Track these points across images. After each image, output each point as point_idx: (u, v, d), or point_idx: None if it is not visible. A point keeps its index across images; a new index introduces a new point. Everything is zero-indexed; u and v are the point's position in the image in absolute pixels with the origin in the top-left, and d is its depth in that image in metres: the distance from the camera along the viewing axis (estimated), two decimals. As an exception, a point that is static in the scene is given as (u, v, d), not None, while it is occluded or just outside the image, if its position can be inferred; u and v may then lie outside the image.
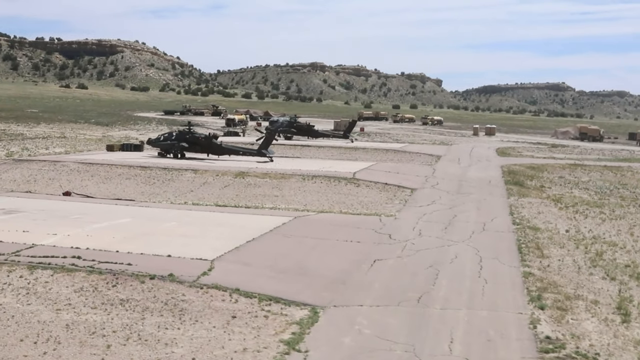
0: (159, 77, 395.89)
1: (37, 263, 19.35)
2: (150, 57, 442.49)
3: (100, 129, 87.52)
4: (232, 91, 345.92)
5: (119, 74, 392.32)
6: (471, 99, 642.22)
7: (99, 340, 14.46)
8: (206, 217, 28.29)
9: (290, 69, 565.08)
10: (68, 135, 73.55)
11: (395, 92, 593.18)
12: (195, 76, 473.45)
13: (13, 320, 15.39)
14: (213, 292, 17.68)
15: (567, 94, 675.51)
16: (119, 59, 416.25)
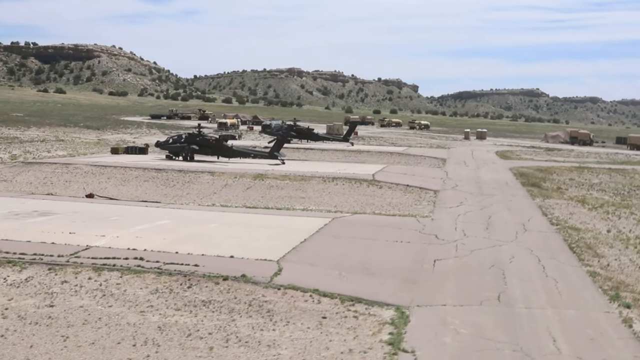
0: (136, 82, 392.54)
1: (101, 265, 18.72)
2: (127, 62, 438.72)
3: (93, 132, 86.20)
4: (212, 96, 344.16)
5: (96, 79, 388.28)
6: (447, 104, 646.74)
7: (198, 343, 13.93)
8: (245, 219, 27.74)
9: (268, 74, 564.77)
10: (63, 138, 72.24)
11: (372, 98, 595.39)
12: (172, 81, 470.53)
13: (102, 323, 14.79)
14: (293, 293, 17.21)
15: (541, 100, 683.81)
16: (95, 63, 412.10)
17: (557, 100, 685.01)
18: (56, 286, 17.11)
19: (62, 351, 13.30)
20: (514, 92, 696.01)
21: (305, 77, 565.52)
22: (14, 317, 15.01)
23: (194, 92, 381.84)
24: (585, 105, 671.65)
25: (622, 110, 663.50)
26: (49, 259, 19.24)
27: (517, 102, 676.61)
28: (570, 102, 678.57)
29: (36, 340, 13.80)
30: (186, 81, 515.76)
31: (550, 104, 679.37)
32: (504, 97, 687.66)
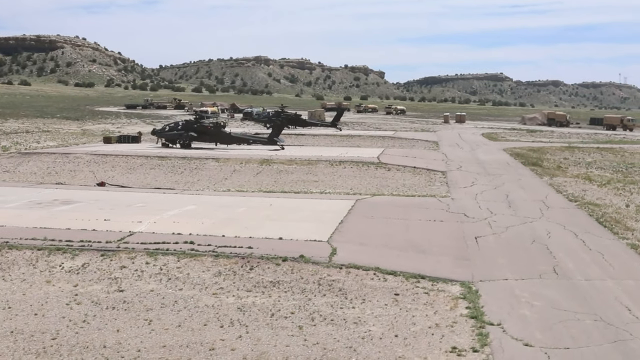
0: (102, 73, 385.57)
1: (154, 250, 18.45)
2: (92, 52, 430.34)
3: (73, 123, 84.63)
4: (181, 85, 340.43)
5: (61, 70, 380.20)
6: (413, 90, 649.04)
7: (284, 322, 13.82)
8: (270, 202, 27.52)
9: (235, 63, 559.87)
10: (47, 129, 70.82)
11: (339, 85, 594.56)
12: (138, 72, 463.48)
13: (180, 306, 14.58)
14: (356, 272, 17.17)
15: (505, 84, 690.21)
16: (59, 54, 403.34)
17: (520, 84, 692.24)
18: (116, 271, 16.80)
19: (151, 334, 13.08)
20: (479, 77, 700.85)
21: (272, 65, 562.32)
22: (87, 302, 14.71)
23: (162, 82, 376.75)
24: (547, 89, 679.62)
25: (583, 93, 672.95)
26: (97, 245, 18.89)
27: (482, 86, 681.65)
28: (533, 86, 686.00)
29: (120, 324, 13.55)
30: (152, 71, 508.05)
31: (514, 87, 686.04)
32: (469, 82, 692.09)
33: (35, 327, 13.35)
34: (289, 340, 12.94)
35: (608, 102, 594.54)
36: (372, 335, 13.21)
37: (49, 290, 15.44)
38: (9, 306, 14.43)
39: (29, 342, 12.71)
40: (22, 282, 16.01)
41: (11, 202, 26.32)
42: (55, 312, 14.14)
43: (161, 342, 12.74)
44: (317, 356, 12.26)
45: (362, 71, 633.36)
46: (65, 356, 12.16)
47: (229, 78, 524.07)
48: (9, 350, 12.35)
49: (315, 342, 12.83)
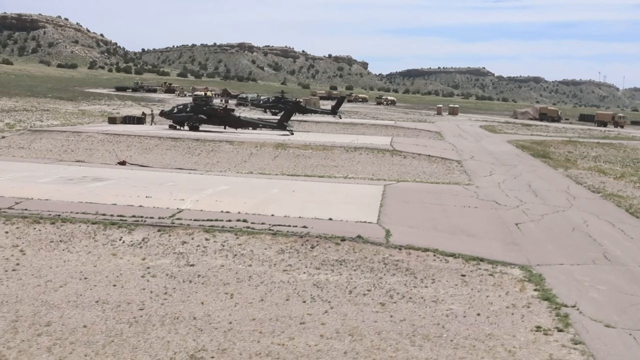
0: (85, 55, 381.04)
1: (209, 227, 18.42)
2: (74, 33, 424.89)
3: (68, 103, 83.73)
4: (165, 70, 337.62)
5: (43, 50, 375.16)
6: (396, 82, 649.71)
7: (364, 299, 13.94)
8: (301, 185, 27.57)
9: (218, 49, 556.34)
10: (44, 108, 70.00)
11: (323, 74, 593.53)
12: (121, 54, 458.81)
13: (256, 281, 14.64)
14: (417, 253, 17.30)
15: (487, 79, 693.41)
16: (41, 34, 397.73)
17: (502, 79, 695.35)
18: (179, 247, 16.76)
19: (237, 308, 13.11)
20: (461, 71, 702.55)
21: (256, 53, 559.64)
22: (162, 275, 14.69)
23: (145, 65, 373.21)
24: (528, 85, 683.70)
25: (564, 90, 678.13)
26: (151, 220, 18.82)
27: (464, 80, 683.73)
28: (514, 82, 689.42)
29: (202, 297, 13.56)
30: (134, 54, 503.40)
31: (496, 82, 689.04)
32: (451, 75, 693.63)
33: (119, 298, 13.31)
34: (375, 316, 13.03)
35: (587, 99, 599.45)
36: (456, 314, 13.34)
37: (119, 263, 15.37)
38: (85, 277, 14.37)
39: (116, 312, 12.68)
40: (87, 254, 15.92)
41: (42, 177, 26.06)
42: (134, 284, 14.09)
43: (250, 315, 12.77)
44: (408, 332, 12.36)
45: (346, 61, 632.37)
46: (157, 326, 12.15)
47: (212, 64, 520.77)
48: (100, 319, 12.31)
49: (401, 319, 12.94)
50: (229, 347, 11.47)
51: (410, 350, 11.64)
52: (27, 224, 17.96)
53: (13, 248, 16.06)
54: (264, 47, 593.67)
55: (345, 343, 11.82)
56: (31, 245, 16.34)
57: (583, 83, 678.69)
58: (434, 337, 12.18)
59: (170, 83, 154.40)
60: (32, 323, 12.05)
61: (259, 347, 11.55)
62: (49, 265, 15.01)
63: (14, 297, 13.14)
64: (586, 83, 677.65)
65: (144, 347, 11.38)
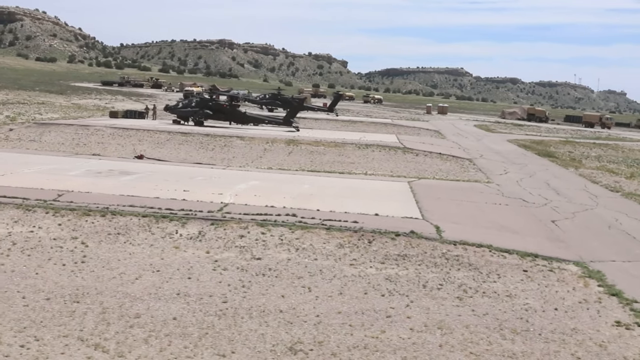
0: (64, 49, 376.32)
1: (261, 220, 18.32)
2: (52, 27, 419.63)
3: (58, 97, 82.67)
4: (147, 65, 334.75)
5: (20, 44, 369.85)
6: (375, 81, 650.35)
7: (439, 293, 14.01)
8: (327, 182, 27.56)
9: (198, 45, 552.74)
10: (39, 101, 69.08)
11: (303, 72, 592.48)
12: (99, 49, 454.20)
13: (328, 274, 14.64)
14: (474, 249, 17.39)
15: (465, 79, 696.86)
16: (18, 27, 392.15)
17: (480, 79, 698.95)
18: (238, 240, 16.68)
19: (319, 301, 13.10)
20: (440, 71, 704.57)
21: (236, 49, 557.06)
22: (233, 269, 14.62)
23: (124, 60, 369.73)
24: (506, 86, 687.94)
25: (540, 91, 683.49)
26: (201, 214, 18.69)
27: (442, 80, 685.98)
28: (492, 82, 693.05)
29: (281, 290, 13.53)
30: (113, 49, 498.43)
31: (474, 83, 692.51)
32: (430, 75, 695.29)
33: (198, 291, 13.22)
34: (457, 310, 13.09)
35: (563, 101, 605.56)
36: (534, 308, 13.45)
37: (185, 256, 15.25)
38: (157, 269, 14.23)
39: (200, 304, 12.59)
40: (150, 247, 15.77)
41: (69, 170, 25.75)
42: (208, 277, 14.00)
43: (334, 309, 12.76)
44: (494, 325, 12.44)
45: (326, 59, 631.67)
46: (246, 319, 12.09)
47: (192, 60, 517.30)
48: (187, 311, 12.22)
49: (484, 313, 13.01)
50: (324, 339, 11.45)
51: (503, 343, 11.70)
52: (77, 216, 17.73)
53: (73, 240, 15.85)
54: (244, 44, 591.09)
55: (437, 336, 11.86)
56: (90, 237, 16.14)
57: (559, 85, 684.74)
58: (521, 331, 12.26)
59: (157, 78, 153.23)
60: (120, 315, 11.92)
61: (354, 340, 11.54)
62: (116, 257, 14.85)
63: (93, 289, 12.99)
64: (562, 85, 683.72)
65: (240, 339, 11.32)
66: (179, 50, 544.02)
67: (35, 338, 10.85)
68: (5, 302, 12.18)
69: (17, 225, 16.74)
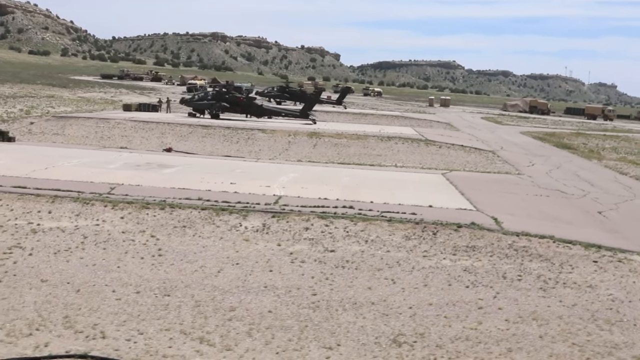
0: (56, 42, 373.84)
1: (321, 213, 18.23)
2: (44, 19, 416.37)
3: (63, 90, 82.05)
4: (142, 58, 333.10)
5: (12, 37, 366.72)
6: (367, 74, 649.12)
7: (521, 284, 14.00)
8: (365, 173, 27.51)
9: (191, 38, 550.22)
10: (46, 95, 68.55)
11: (295, 65, 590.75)
12: (91, 42, 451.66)
13: (406, 266, 14.59)
14: (538, 240, 17.34)
15: (457, 72, 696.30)
16: (10, 20, 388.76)
17: (472, 72, 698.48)
18: (305, 232, 16.58)
19: (406, 292, 13.05)
20: (432, 64, 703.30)
21: (229, 42, 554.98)
22: (311, 261, 14.54)
23: (118, 54, 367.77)
24: (498, 78, 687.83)
25: (531, 84, 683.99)
26: (259, 207, 18.57)
27: (434, 73, 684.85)
28: (484, 75, 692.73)
29: (365, 282, 13.46)
30: (105, 42, 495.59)
31: (466, 76, 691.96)
32: (422, 68, 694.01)
33: (284, 283, 13.13)
34: (545, 301, 13.05)
35: (555, 94, 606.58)
36: (620, 299, 13.42)
37: (259, 248, 15.15)
38: (236, 262, 14.12)
39: (290, 297, 12.51)
40: (220, 239, 15.65)
41: (107, 163, 25.57)
42: (289, 269, 13.91)
43: (424, 300, 12.70)
44: (587, 316, 12.42)
45: (319, 52, 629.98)
46: (341, 311, 12.02)
47: (185, 53, 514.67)
48: (280, 304, 12.14)
49: (572, 304, 12.97)
50: (425, 331, 11.39)
51: (602, 334, 11.67)
52: (137, 209, 17.58)
53: (142, 233, 15.71)
54: (237, 37, 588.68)
55: (534, 327, 11.81)
56: (157, 230, 16.01)
57: (550, 77, 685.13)
58: (615, 322, 12.23)
59: (157, 72, 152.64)
60: (215, 308, 11.82)
61: (453, 331, 11.48)
62: (191, 250, 14.72)
63: (180, 282, 12.87)
64: (553, 78, 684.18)
65: (341, 331, 11.24)
66: (171, 44, 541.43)
67: (138, 332, 10.73)
68: (96, 295, 12.05)
69: (80, 218, 16.57)
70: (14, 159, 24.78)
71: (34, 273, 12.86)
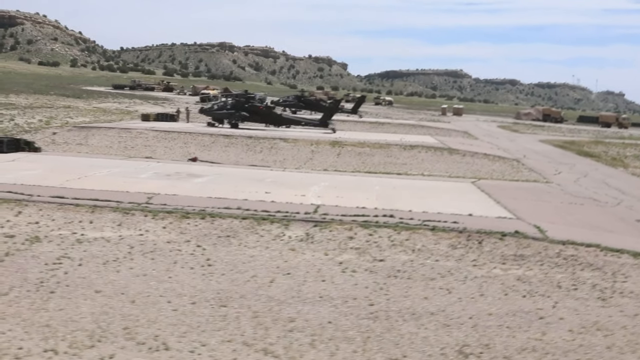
0: (65, 52, 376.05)
1: (362, 222, 18.05)
2: (53, 30, 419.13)
3: (77, 101, 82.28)
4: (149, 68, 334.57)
5: (22, 48, 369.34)
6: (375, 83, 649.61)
7: (579, 293, 13.77)
8: (390, 182, 27.31)
9: (199, 48, 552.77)
10: (62, 105, 68.74)
11: (303, 75, 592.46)
12: (100, 52, 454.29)
13: (460, 275, 14.32)
14: (586, 249, 17.08)
15: (464, 81, 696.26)
16: (19, 31, 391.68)
17: (479, 81, 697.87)
18: (349, 242, 16.39)
19: (464, 302, 12.85)
20: (439, 73, 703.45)
21: (236, 52, 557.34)
22: (361, 271, 14.36)
23: (126, 64, 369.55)
24: (505, 87, 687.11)
25: (539, 92, 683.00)
26: (299, 216, 18.40)
27: (442, 82, 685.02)
28: (491, 84, 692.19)
29: (421, 292, 13.26)
30: (113, 53, 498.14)
31: (474, 85, 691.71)
32: (429, 77, 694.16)
33: (338, 293, 12.93)
34: (605, 311, 12.83)
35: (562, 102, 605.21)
36: (679, 309, 13.13)
37: (307, 258, 14.96)
38: (287, 272, 13.94)
39: (348, 307, 12.32)
40: (266, 249, 15.46)
41: (137, 173, 25.48)
42: (341, 279, 13.72)
43: (483, 310, 12.48)
44: (650, 327, 12.13)
45: (326, 62, 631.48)
46: (401, 322, 11.81)
47: (193, 63, 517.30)
48: (338, 314, 11.94)
49: (634, 313, 12.74)
50: (489, 342, 11.16)
51: (671, 345, 11.39)
52: (177, 218, 17.43)
53: (187, 243, 15.55)
54: (245, 47, 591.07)
55: (599, 338, 11.57)
56: (202, 240, 15.84)
57: (558, 86, 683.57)
58: (681, 332, 11.95)
59: (168, 82, 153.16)
60: (274, 319, 11.62)
61: (518, 342, 11.25)
62: (239, 260, 14.55)
63: (234, 292, 12.69)
64: (561, 86, 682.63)
65: (405, 342, 11.03)
66: (179, 54, 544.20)
67: (201, 343, 10.54)
68: (152, 306, 11.87)
69: (122, 228, 16.43)
70: (45, 169, 24.74)
71: (87, 284, 12.71)
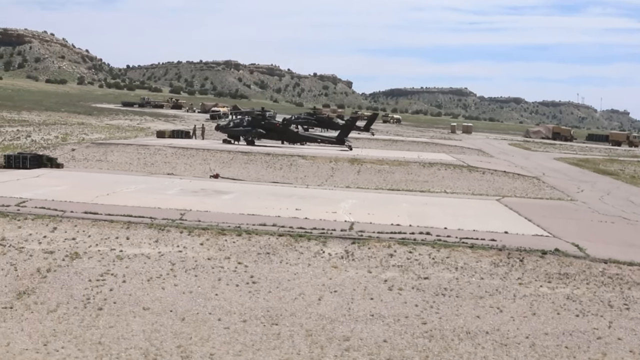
0: (72, 70, 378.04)
1: (400, 239, 17.83)
2: (60, 49, 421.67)
3: (88, 118, 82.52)
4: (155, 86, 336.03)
5: (29, 65, 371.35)
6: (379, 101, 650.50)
7: (629, 313, 13.44)
8: (417, 199, 27.12)
9: (204, 66, 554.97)
10: (75, 122, 68.91)
11: (308, 93, 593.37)
12: (106, 70, 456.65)
13: (508, 294, 14.19)
14: (629, 267, 16.81)
15: (469, 99, 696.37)
16: (27, 49, 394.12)
17: (483, 99, 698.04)
18: (390, 259, 16.19)
19: (517, 322, 12.69)
20: (444, 91, 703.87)
21: (242, 70, 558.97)
22: (408, 289, 14.16)
23: (133, 82, 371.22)
24: (509, 105, 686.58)
25: (543, 111, 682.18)
26: (335, 233, 18.20)
27: (447, 100, 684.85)
28: (496, 102, 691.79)
29: (471, 311, 13.05)
30: (119, 71, 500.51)
31: (478, 103, 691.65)
32: (434, 95, 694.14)
33: (389, 312, 12.72)
34: (660, 330, 12.52)
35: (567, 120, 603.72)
36: None
37: (351, 276, 14.76)
38: (334, 290, 13.72)
39: (402, 326, 12.11)
40: (308, 266, 15.26)
41: (163, 189, 25.37)
42: (389, 297, 13.54)
43: (539, 330, 12.27)
44: None
45: (331, 80, 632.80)
46: (456, 341, 11.59)
47: (199, 81, 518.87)
48: (392, 333, 11.72)
49: (692, 334, 12.43)
50: (550, 362, 10.88)
51: None
52: (214, 235, 17.25)
53: (227, 260, 15.36)
54: (250, 65, 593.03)
55: (661, 359, 11.29)
56: (242, 257, 15.65)
57: (562, 104, 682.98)
58: None
59: (177, 99, 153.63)
60: (328, 337, 11.40)
61: (580, 363, 10.97)
62: (284, 277, 14.35)
63: (284, 310, 12.48)
64: (565, 104, 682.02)
65: (465, 363, 10.75)
66: (185, 72, 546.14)
67: (259, 362, 10.30)
68: (203, 324, 11.67)
69: (160, 245, 16.25)
70: (70, 185, 24.64)
71: (134, 301, 12.52)
